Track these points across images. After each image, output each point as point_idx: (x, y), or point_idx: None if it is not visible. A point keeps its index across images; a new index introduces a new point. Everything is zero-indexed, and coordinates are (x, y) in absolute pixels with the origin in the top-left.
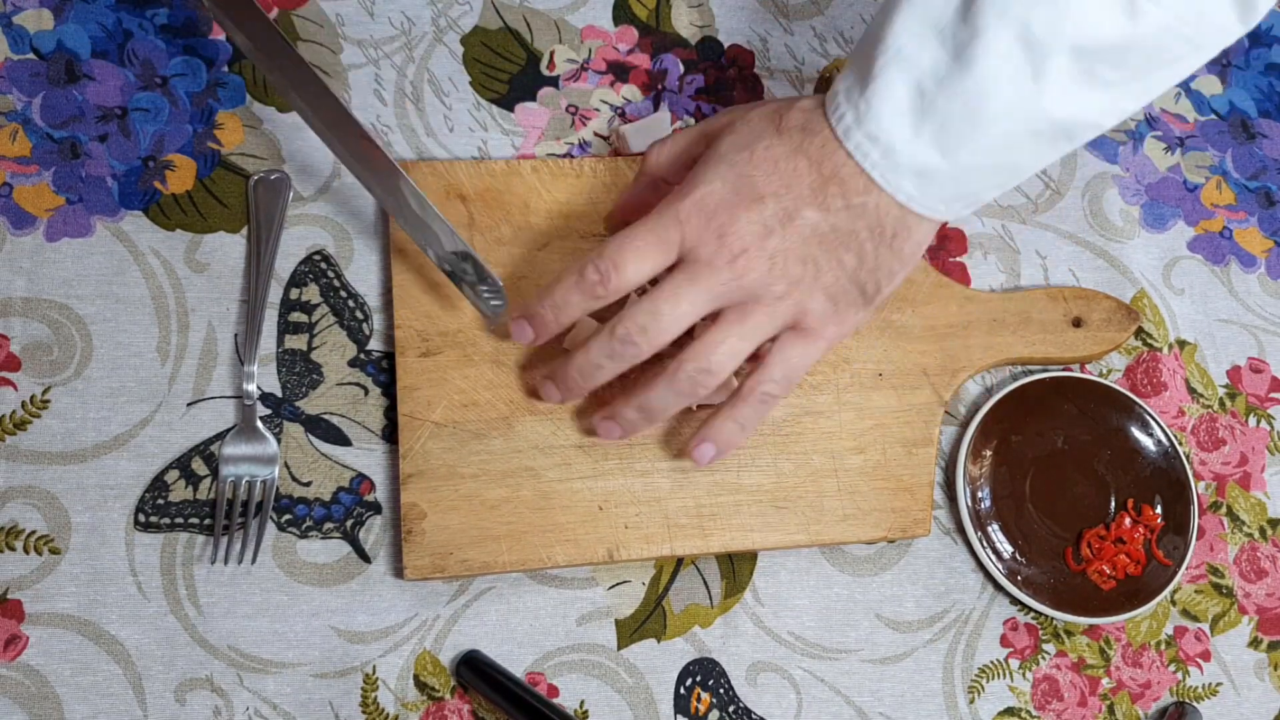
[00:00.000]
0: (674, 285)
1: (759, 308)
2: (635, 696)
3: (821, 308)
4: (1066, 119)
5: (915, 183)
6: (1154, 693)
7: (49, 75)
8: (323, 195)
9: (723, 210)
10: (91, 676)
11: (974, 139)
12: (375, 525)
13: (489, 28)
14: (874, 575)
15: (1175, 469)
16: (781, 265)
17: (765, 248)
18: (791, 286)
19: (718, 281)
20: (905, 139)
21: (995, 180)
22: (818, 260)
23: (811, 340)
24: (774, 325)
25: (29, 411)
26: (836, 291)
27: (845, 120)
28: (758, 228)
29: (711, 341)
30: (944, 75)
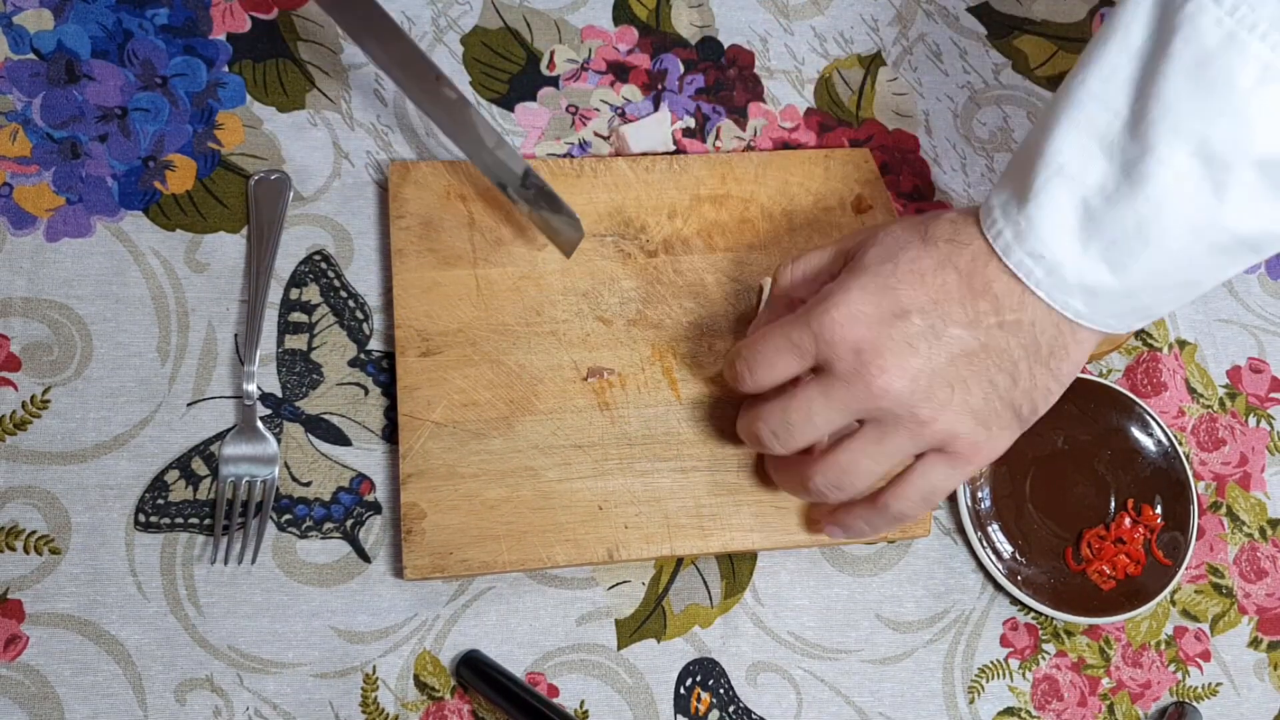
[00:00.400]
0: (806, 397)
1: (900, 430)
2: (635, 696)
3: (970, 432)
4: (1252, 233)
5: (1084, 300)
6: (1154, 693)
7: (49, 75)
8: (323, 195)
9: (861, 324)
10: (92, 676)
11: (1147, 257)
12: (375, 525)
13: (489, 27)
14: (874, 575)
15: (1175, 469)
16: (925, 387)
17: (907, 367)
18: (938, 410)
19: (853, 400)
20: (1072, 257)
21: (1172, 296)
22: (966, 382)
23: (958, 465)
24: (916, 447)
25: (29, 411)
26: (987, 414)
27: (1004, 237)
28: (900, 346)
29: (844, 460)
30: (1113, 192)
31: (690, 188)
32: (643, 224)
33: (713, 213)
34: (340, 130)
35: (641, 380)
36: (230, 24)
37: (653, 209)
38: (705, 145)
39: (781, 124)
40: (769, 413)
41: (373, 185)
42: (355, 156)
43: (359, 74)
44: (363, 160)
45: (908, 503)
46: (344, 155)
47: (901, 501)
